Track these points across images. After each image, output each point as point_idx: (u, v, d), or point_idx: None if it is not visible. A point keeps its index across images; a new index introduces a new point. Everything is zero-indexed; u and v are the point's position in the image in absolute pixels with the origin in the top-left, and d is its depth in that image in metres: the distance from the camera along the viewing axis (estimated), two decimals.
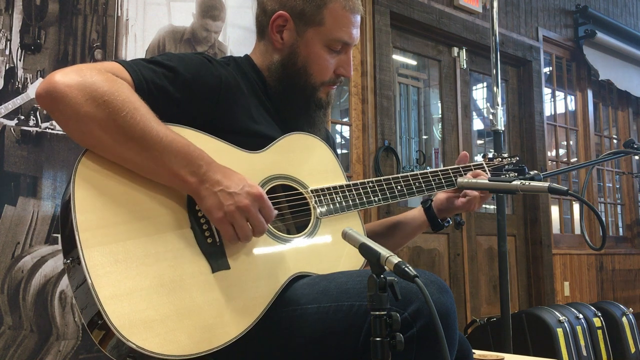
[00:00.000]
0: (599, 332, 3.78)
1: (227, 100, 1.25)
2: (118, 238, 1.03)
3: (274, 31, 1.34)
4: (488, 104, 2.70)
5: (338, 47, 1.34)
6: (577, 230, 5.04)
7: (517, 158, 1.57)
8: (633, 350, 3.94)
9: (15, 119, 2.09)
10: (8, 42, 2.11)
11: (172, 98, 1.17)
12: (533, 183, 1.31)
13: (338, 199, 1.30)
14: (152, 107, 1.10)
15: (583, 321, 3.70)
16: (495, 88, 2.71)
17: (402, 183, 1.40)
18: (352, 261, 1.26)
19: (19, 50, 2.13)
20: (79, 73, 1.05)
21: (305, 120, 1.37)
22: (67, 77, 1.04)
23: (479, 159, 4.31)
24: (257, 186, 1.11)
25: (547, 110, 4.78)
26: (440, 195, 1.50)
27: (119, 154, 1.07)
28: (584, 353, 3.58)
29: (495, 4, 2.74)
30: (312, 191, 1.28)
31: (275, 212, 1.14)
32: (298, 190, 1.28)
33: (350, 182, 1.35)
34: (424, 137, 4.06)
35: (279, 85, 1.35)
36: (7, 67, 2.09)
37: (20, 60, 2.12)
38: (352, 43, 1.35)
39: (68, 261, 1.03)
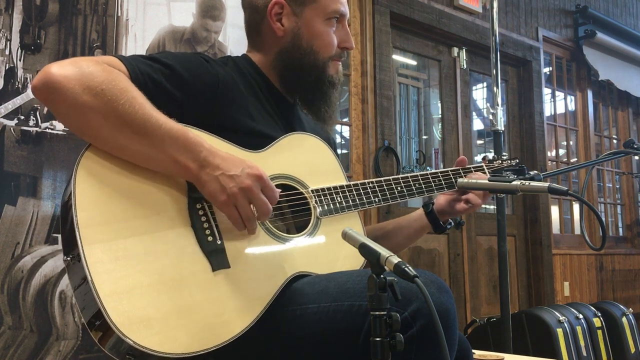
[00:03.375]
0: (599, 332, 3.78)
1: (225, 99, 1.24)
2: (119, 235, 1.03)
3: (273, 20, 1.36)
4: (488, 104, 2.70)
5: (335, 21, 1.38)
6: (577, 231, 5.04)
7: (517, 160, 1.57)
8: (633, 350, 3.94)
9: (15, 119, 2.09)
10: (8, 42, 2.11)
11: (169, 94, 1.17)
12: (533, 183, 1.31)
13: (338, 199, 1.30)
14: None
15: (583, 321, 3.70)
16: (495, 88, 2.71)
17: (402, 184, 1.41)
18: (352, 261, 1.26)
19: (19, 50, 2.13)
20: (75, 64, 1.05)
21: (321, 99, 1.39)
22: (64, 69, 1.04)
23: (479, 159, 4.32)
24: (257, 167, 1.11)
25: (547, 111, 4.78)
26: (440, 199, 1.50)
27: (119, 143, 1.07)
28: (584, 353, 3.58)
29: (495, 4, 2.74)
30: (312, 191, 1.28)
31: (278, 190, 1.14)
32: (298, 190, 1.28)
33: (351, 183, 1.35)
34: (424, 137, 4.06)
35: (289, 72, 1.37)
36: (7, 67, 2.09)
37: (20, 60, 2.12)
38: (346, 15, 1.40)
39: (68, 258, 1.03)
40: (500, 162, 1.56)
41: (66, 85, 1.03)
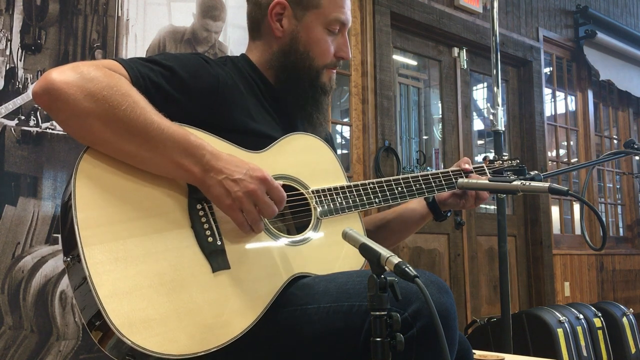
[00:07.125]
0: (599, 332, 3.78)
1: (225, 100, 1.25)
2: (118, 236, 1.03)
3: (273, 20, 1.35)
4: (488, 104, 2.70)
5: (336, 28, 1.37)
6: (578, 231, 5.04)
7: (518, 160, 1.58)
8: (633, 350, 3.94)
9: (16, 119, 2.09)
10: (8, 42, 2.11)
11: (169, 96, 1.17)
12: (533, 183, 1.31)
13: (339, 199, 1.30)
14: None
15: (583, 321, 3.70)
16: (495, 88, 2.71)
17: (403, 184, 1.41)
18: (352, 261, 1.26)
19: (20, 50, 2.13)
20: (75, 70, 1.05)
21: (313, 106, 1.38)
22: (65, 75, 1.04)
23: (479, 159, 4.32)
24: (260, 169, 1.11)
25: (548, 111, 4.78)
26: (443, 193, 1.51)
27: (121, 148, 1.07)
28: (584, 353, 3.58)
29: (496, 4, 2.74)
30: (313, 191, 1.28)
31: (284, 192, 1.14)
32: (299, 190, 1.28)
33: (351, 183, 1.35)
34: (424, 137, 4.06)
35: (283, 73, 1.36)
36: (7, 67, 2.09)
37: (20, 60, 2.12)
38: (348, 24, 1.39)
39: (68, 259, 1.03)
40: (500, 162, 1.57)
41: (67, 92, 1.02)
